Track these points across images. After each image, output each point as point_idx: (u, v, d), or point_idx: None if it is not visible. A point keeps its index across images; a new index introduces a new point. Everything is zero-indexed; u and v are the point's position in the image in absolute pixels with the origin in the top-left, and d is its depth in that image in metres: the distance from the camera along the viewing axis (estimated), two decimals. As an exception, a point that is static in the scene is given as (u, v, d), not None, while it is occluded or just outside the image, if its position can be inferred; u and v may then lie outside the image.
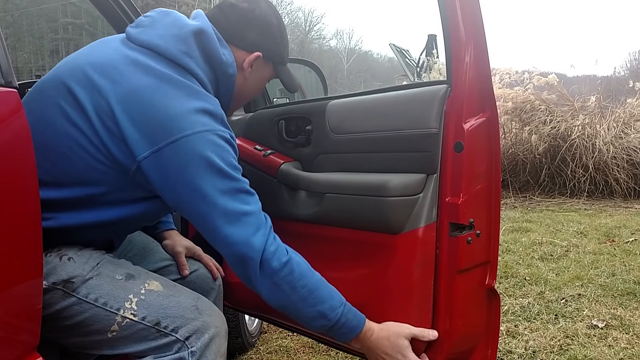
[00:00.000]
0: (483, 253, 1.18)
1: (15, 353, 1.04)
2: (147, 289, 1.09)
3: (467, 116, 1.12)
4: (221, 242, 1.04)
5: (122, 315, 1.05)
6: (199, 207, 1.03)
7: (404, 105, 1.23)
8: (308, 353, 2.27)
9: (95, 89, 1.05)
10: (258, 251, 1.03)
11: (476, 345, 1.23)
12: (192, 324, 1.08)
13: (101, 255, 1.13)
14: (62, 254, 1.08)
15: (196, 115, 1.03)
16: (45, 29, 12.94)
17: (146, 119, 1.02)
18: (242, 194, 1.06)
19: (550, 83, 6.42)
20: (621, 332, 2.36)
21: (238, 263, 1.05)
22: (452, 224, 1.13)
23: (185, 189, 1.02)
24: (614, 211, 5.12)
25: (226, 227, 1.02)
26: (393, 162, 1.23)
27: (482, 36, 1.13)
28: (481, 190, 1.15)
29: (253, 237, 1.03)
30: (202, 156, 1.01)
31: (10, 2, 12.81)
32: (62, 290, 1.05)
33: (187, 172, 1.01)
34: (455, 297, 1.15)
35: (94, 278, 1.07)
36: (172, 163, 1.02)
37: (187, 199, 1.03)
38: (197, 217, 1.05)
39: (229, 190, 1.03)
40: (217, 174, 1.02)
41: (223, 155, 1.04)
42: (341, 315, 1.09)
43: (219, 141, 1.04)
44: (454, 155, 1.12)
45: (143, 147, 1.02)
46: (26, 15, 13.44)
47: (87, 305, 1.05)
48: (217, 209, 1.02)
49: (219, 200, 1.02)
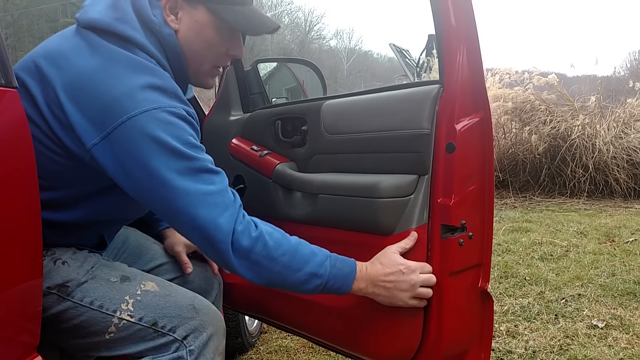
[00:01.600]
0: (475, 255, 1.17)
1: (15, 353, 1.04)
2: (143, 290, 1.08)
3: (459, 116, 1.11)
4: (186, 226, 0.99)
5: (118, 316, 1.05)
6: (157, 193, 0.97)
7: (397, 105, 1.22)
8: (308, 353, 2.27)
9: (44, 79, 1.01)
10: (227, 233, 0.98)
11: (469, 349, 1.22)
12: (190, 323, 1.07)
13: (96, 258, 1.12)
14: (57, 258, 1.07)
15: (142, 92, 0.96)
16: (45, 29, 12.92)
17: (91, 103, 0.97)
18: (204, 173, 0.99)
19: (550, 83, 6.41)
20: (621, 332, 2.36)
21: (209, 248, 1.00)
22: (444, 225, 1.12)
23: (140, 174, 0.97)
24: (614, 211, 5.11)
25: (190, 210, 0.97)
26: (386, 163, 1.22)
27: (475, 36, 1.12)
28: (474, 192, 1.14)
29: (220, 219, 0.97)
30: (152, 136, 0.95)
31: (10, 2, 12.81)
32: (57, 295, 1.04)
33: (140, 156, 0.95)
34: (447, 300, 1.14)
35: (89, 281, 1.06)
36: (123, 147, 0.96)
37: (144, 185, 0.98)
38: (157, 204, 1.00)
39: (187, 171, 0.97)
40: (171, 154, 0.96)
41: (176, 134, 0.97)
42: (331, 267, 1.06)
43: (170, 118, 0.97)
44: (446, 156, 1.11)
45: (91, 134, 0.97)
46: (26, 15, 13.43)
47: (83, 308, 1.04)
48: (177, 192, 0.96)
49: (177, 182, 0.96)
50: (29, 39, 13.32)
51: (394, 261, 1.10)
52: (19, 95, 1.11)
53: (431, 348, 1.16)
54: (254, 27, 1.10)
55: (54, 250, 1.09)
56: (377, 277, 1.09)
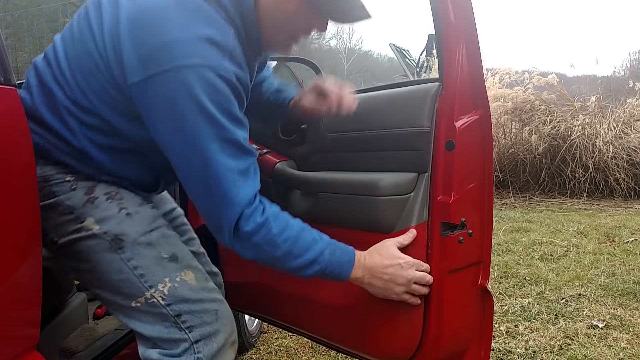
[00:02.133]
0: (475, 253, 1.17)
1: (15, 351, 1.04)
2: (182, 278, 1.08)
3: (458, 114, 1.11)
4: (196, 192, 0.99)
5: (152, 293, 1.05)
6: (180, 150, 0.97)
7: (397, 103, 1.22)
8: (308, 353, 2.27)
9: (117, 5, 0.98)
10: (234, 214, 0.98)
11: (469, 347, 1.22)
12: (206, 328, 1.08)
13: (158, 219, 1.11)
14: (123, 206, 1.06)
15: (197, 44, 0.92)
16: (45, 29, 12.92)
17: (145, 41, 0.93)
18: (232, 146, 0.97)
19: (550, 83, 6.41)
20: (621, 332, 2.36)
21: (212, 221, 1.01)
22: (444, 223, 1.13)
23: (168, 126, 0.95)
24: (614, 211, 5.11)
25: (206, 179, 0.96)
26: (385, 161, 1.22)
27: (474, 34, 1.12)
28: (473, 190, 1.14)
29: (232, 197, 0.97)
30: (191, 95, 0.92)
31: (10, 2, 12.82)
32: (109, 244, 1.04)
33: (173, 110, 0.93)
34: (446, 298, 1.14)
35: (143, 246, 1.05)
36: (160, 95, 0.93)
37: (169, 138, 0.96)
38: (177, 160, 0.98)
39: (216, 140, 0.94)
40: (204, 119, 0.93)
41: (217, 99, 0.94)
42: (330, 255, 1.06)
43: (215, 81, 0.93)
44: (446, 154, 1.11)
45: (136, 72, 0.94)
46: (26, 15, 13.43)
47: (126, 269, 1.04)
48: (199, 157, 0.95)
49: (202, 147, 0.94)
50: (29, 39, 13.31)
51: (393, 254, 1.11)
52: (18, 94, 1.11)
53: (431, 345, 1.16)
54: (337, 13, 1.02)
55: (122, 193, 1.08)
56: (375, 268, 1.10)
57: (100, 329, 1.63)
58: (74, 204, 1.04)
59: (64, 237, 1.05)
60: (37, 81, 1.07)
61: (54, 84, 1.04)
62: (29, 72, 1.10)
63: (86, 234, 1.04)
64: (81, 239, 1.04)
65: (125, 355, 1.56)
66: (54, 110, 1.04)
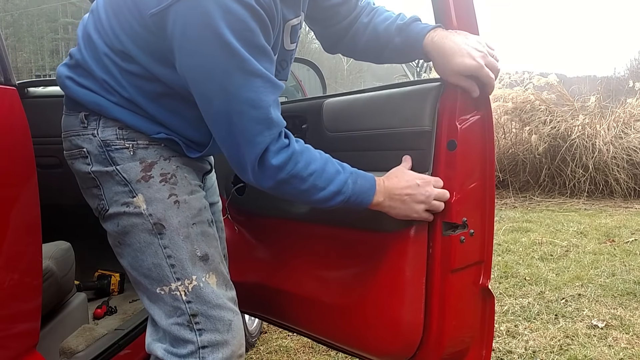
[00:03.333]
0: (477, 252, 1.17)
1: (15, 351, 1.04)
2: (206, 280, 1.08)
3: (460, 114, 1.11)
4: (219, 129, 0.98)
5: (177, 285, 1.06)
6: (201, 84, 0.94)
7: (398, 103, 1.22)
8: (308, 353, 2.27)
9: None
10: (258, 151, 0.96)
11: (470, 346, 1.22)
12: (216, 336, 1.07)
13: (203, 212, 1.11)
14: (173, 192, 1.05)
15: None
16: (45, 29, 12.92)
17: None
18: (254, 77, 0.92)
19: (550, 83, 6.42)
20: (621, 332, 2.36)
21: (235, 158, 1.00)
22: (445, 222, 1.12)
23: (188, 59, 0.92)
24: (614, 211, 5.11)
25: (228, 115, 0.94)
26: (387, 161, 1.22)
27: (475, 34, 1.12)
28: (475, 189, 1.14)
29: (256, 135, 0.95)
30: (208, 23, 0.87)
31: (10, 2, 12.82)
32: (152, 226, 1.04)
33: (191, 41, 0.90)
34: (448, 297, 1.14)
35: (181, 237, 1.06)
36: (176, 28, 0.90)
37: (190, 71, 0.94)
38: (199, 96, 0.96)
39: (236, 71, 0.90)
40: (223, 48, 0.89)
41: (236, 27, 0.88)
42: (353, 183, 1.05)
43: (233, 6, 0.87)
44: (447, 154, 1.11)
45: (153, 2, 0.91)
46: (26, 15, 13.42)
47: (160, 254, 1.05)
48: (220, 91, 0.92)
49: (222, 80, 0.91)
50: (29, 39, 13.31)
51: (410, 175, 1.10)
52: (17, 94, 1.11)
53: (433, 345, 1.16)
54: None
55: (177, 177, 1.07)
56: (394, 190, 1.09)
57: (100, 329, 1.63)
58: (129, 177, 1.04)
59: (114, 206, 1.06)
60: (83, 32, 1.07)
61: (94, 31, 1.04)
62: (78, 27, 1.11)
63: (134, 210, 1.04)
64: (128, 214, 1.05)
65: (125, 355, 1.56)
66: (98, 60, 1.03)
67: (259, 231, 1.52)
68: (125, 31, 1.00)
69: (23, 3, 13.27)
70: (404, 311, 1.15)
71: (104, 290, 2.12)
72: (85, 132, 1.05)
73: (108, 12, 1.03)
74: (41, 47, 16.60)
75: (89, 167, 1.06)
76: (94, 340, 1.54)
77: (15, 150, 1.08)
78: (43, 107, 1.75)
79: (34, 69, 15.41)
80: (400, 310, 1.15)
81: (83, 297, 1.72)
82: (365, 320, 1.22)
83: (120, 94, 1.03)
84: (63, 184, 1.15)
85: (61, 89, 1.09)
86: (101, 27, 1.03)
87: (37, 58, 16.59)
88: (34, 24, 13.62)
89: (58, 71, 1.09)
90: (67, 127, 1.09)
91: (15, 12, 12.95)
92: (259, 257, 1.52)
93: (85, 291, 1.88)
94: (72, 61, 1.07)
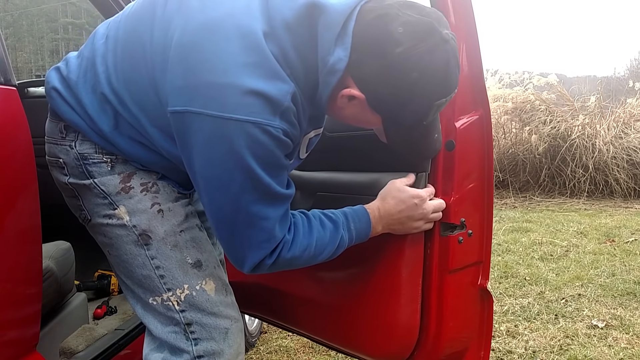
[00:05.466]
0: (475, 253, 1.17)
1: (16, 351, 1.04)
2: (201, 287, 1.06)
3: (458, 114, 1.11)
4: (222, 233, 0.97)
5: (168, 296, 1.05)
6: (212, 194, 0.93)
7: None
8: (308, 353, 2.27)
9: (182, 8, 0.93)
10: (255, 260, 0.97)
11: (468, 347, 1.22)
12: (212, 345, 1.06)
13: (190, 218, 1.08)
14: (156, 201, 1.03)
15: (247, 96, 0.85)
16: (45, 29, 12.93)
17: (197, 69, 0.88)
18: (270, 197, 0.93)
19: (550, 83, 6.41)
20: (621, 332, 2.36)
21: (233, 258, 1.00)
22: (444, 223, 1.12)
23: (203, 168, 0.91)
24: (614, 211, 5.11)
25: (235, 226, 0.94)
26: (385, 161, 1.22)
27: (474, 34, 1.12)
28: (473, 190, 1.14)
29: (254, 246, 0.96)
30: (233, 149, 0.87)
31: (10, 2, 12.82)
32: (137, 237, 1.03)
33: (212, 154, 0.89)
34: (446, 298, 1.14)
35: (169, 246, 1.04)
36: (198, 136, 0.89)
37: (203, 181, 0.93)
38: (208, 203, 0.95)
39: (253, 192, 0.91)
40: (244, 173, 0.89)
41: (261, 155, 0.89)
42: (349, 232, 1.06)
43: (261, 138, 0.87)
44: (445, 154, 1.11)
45: (179, 99, 0.89)
46: (26, 15, 13.43)
47: (148, 265, 1.04)
48: (229, 204, 0.92)
49: (238, 199, 0.91)
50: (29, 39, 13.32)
51: (406, 193, 1.08)
52: (17, 94, 1.11)
53: (430, 346, 1.16)
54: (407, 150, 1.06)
55: (159, 185, 1.04)
56: (391, 217, 1.09)
57: (100, 329, 1.63)
58: (108, 190, 1.02)
59: (96, 217, 1.05)
60: (89, 54, 1.03)
61: (102, 64, 1.00)
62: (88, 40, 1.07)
63: (117, 222, 1.03)
64: (112, 225, 1.03)
65: (125, 355, 1.56)
66: (93, 92, 1.00)
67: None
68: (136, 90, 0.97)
69: (23, 3, 13.29)
70: (400, 312, 1.15)
71: (104, 290, 2.12)
72: (63, 142, 1.03)
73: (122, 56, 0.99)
74: (41, 47, 16.61)
75: (65, 177, 1.04)
76: (94, 340, 1.54)
77: (15, 150, 1.08)
78: (43, 107, 1.74)
79: (34, 69, 15.42)
80: (396, 311, 1.15)
81: (83, 297, 1.72)
82: (362, 321, 1.22)
83: (102, 130, 1.00)
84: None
85: (46, 95, 1.06)
86: (112, 66, 0.99)
87: (37, 58, 16.59)
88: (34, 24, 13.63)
89: (48, 75, 1.06)
90: (47, 133, 1.07)
91: (15, 12, 12.97)
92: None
93: (85, 291, 1.88)
94: (65, 74, 1.04)
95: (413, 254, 1.14)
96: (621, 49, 76.30)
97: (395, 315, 1.16)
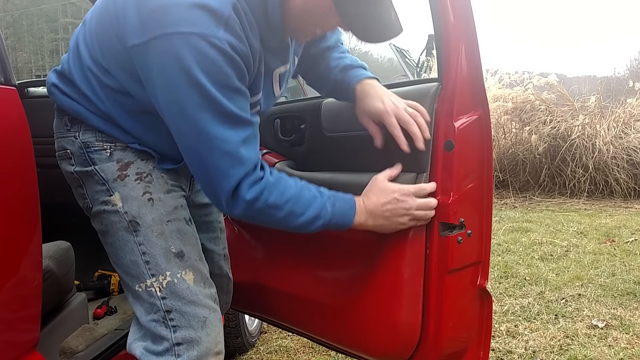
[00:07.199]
0: (474, 253, 1.17)
1: (16, 351, 1.04)
2: (182, 276, 1.10)
3: (458, 114, 1.11)
4: (195, 165, 1.00)
5: (151, 282, 1.08)
6: (176, 121, 0.97)
7: None
8: (308, 353, 2.27)
9: None
10: (232, 185, 0.98)
11: (468, 347, 1.22)
12: (190, 333, 1.08)
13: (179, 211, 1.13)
14: (147, 190, 1.09)
15: (189, 10, 0.89)
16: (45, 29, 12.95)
17: (147, 1, 0.92)
18: (228, 117, 0.95)
19: (550, 83, 6.41)
20: (621, 332, 2.36)
21: (211, 193, 1.03)
22: (442, 223, 1.12)
23: (164, 96, 0.95)
24: (614, 211, 5.11)
25: (202, 152, 0.97)
26: (385, 161, 1.22)
27: (474, 34, 1.12)
28: (472, 190, 1.14)
29: (230, 170, 0.97)
30: (182, 65, 0.90)
31: (10, 2, 12.83)
32: (127, 224, 1.08)
33: (167, 78, 0.93)
34: (445, 298, 1.14)
35: (155, 234, 1.08)
36: (153, 64, 0.93)
37: (166, 108, 0.97)
38: (174, 131, 0.99)
39: (210, 111, 0.93)
40: (196, 90, 0.92)
41: (209, 69, 0.91)
42: (332, 206, 1.08)
43: (207, 50, 0.90)
44: (445, 154, 1.11)
45: (135, 34, 0.94)
46: (26, 15, 13.44)
47: (136, 251, 1.08)
48: (194, 129, 0.95)
49: (197, 119, 0.94)
50: (29, 39, 13.34)
51: (387, 189, 1.11)
52: (17, 94, 1.12)
53: (430, 346, 1.16)
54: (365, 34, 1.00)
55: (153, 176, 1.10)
56: (374, 209, 1.10)
57: (100, 329, 1.63)
58: (106, 176, 1.08)
59: (96, 205, 1.10)
60: (74, 41, 1.10)
61: (83, 42, 1.07)
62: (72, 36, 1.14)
63: (111, 208, 1.08)
64: (107, 212, 1.09)
65: (125, 355, 1.56)
66: (81, 71, 1.07)
67: (259, 231, 1.52)
68: (107, 48, 1.02)
69: (23, 3, 13.29)
70: (401, 312, 1.15)
71: (104, 290, 2.12)
72: (69, 134, 1.10)
73: (95, 24, 1.06)
74: (41, 47, 16.61)
75: (72, 167, 1.11)
76: (94, 340, 1.54)
77: (15, 150, 1.08)
78: (43, 107, 1.74)
79: (34, 69, 15.42)
80: (397, 311, 1.15)
81: (83, 297, 1.72)
82: (363, 321, 1.23)
83: (98, 107, 1.07)
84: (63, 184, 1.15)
85: (48, 95, 1.13)
86: (89, 39, 1.06)
87: (37, 58, 16.59)
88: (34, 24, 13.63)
89: (48, 77, 1.13)
90: (55, 130, 1.14)
91: (15, 12, 12.97)
92: (259, 257, 1.52)
93: (85, 291, 1.88)
94: (60, 69, 1.11)
95: (414, 254, 1.14)
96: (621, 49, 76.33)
97: (397, 315, 1.16)
